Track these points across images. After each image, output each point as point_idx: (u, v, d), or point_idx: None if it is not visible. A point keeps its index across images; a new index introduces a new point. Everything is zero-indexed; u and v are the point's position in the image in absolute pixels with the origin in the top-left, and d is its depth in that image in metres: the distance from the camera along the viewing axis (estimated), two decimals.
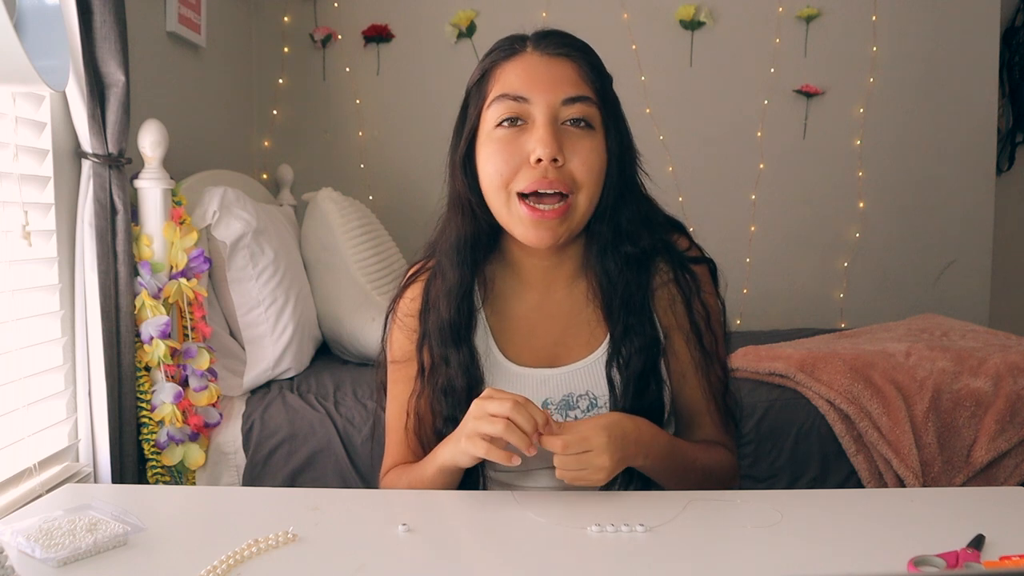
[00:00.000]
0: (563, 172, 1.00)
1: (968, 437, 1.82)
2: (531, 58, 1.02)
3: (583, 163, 1.00)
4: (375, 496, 1.05)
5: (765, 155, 3.05)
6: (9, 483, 1.37)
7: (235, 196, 1.92)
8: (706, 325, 1.10)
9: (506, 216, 1.04)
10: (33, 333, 1.47)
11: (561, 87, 1.00)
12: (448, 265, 1.08)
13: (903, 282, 3.10)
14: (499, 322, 1.11)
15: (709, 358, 1.10)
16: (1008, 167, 3.38)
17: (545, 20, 2.74)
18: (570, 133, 1.01)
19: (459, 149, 1.06)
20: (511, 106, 1.01)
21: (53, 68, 0.92)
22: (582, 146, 1.01)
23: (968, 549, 0.81)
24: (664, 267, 1.10)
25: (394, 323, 1.15)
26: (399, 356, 1.14)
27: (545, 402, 1.08)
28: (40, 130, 1.50)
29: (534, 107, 1.00)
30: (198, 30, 2.31)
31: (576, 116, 1.00)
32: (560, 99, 1.00)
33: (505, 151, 1.01)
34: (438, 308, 1.08)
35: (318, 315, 2.17)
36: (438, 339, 1.08)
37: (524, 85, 1.00)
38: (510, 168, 1.00)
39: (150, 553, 0.83)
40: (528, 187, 1.00)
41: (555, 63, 1.02)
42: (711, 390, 1.11)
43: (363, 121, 3.00)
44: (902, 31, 3.02)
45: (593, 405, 1.08)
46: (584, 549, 0.85)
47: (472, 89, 1.07)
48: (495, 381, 1.08)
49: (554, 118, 1.00)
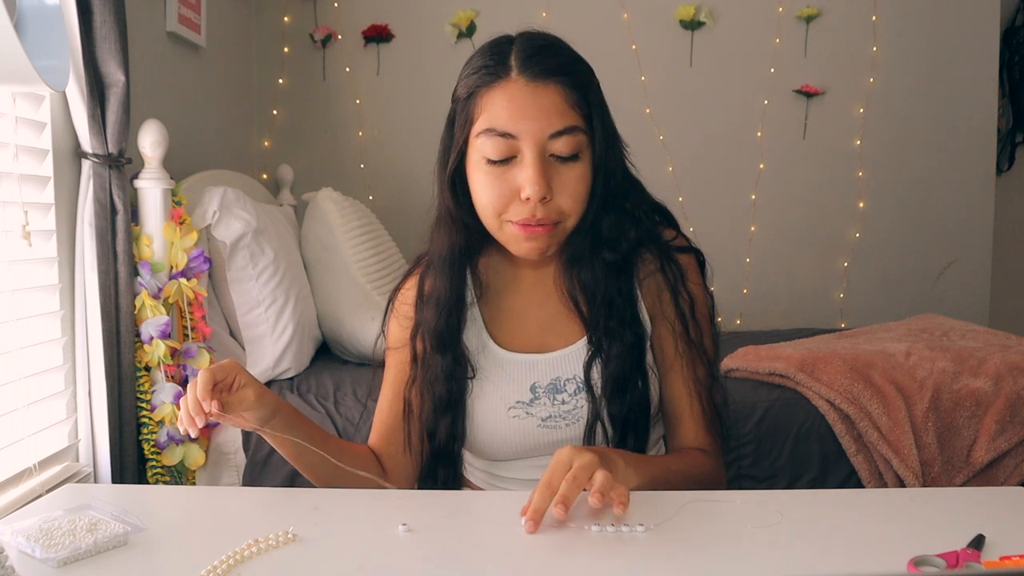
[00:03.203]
0: (551, 206, 1.02)
1: (968, 437, 1.82)
2: (516, 86, 1.01)
3: (570, 196, 1.03)
4: (375, 496, 1.05)
5: (765, 155, 3.05)
6: (9, 483, 1.37)
7: (235, 196, 1.92)
8: (691, 315, 1.10)
9: (498, 234, 1.07)
10: (33, 333, 1.47)
11: (548, 120, 1.00)
12: (438, 274, 1.12)
13: (903, 282, 3.10)
14: (492, 312, 1.15)
15: (694, 351, 1.10)
16: (1008, 167, 3.38)
17: (545, 20, 2.74)
18: (557, 167, 1.02)
19: (448, 167, 1.08)
20: (499, 144, 1.01)
21: (53, 68, 0.92)
22: (569, 178, 1.02)
23: (968, 549, 0.81)
24: (650, 256, 1.12)
25: (391, 312, 1.19)
26: (392, 343, 1.18)
27: (534, 385, 1.11)
28: (40, 130, 1.50)
29: (522, 143, 1.01)
30: (198, 30, 2.31)
31: (562, 151, 1.01)
32: (547, 134, 1.01)
33: (496, 185, 1.02)
34: (428, 312, 1.12)
35: (318, 315, 2.17)
36: (430, 335, 1.12)
37: (511, 119, 1.01)
38: (502, 201, 1.03)
39: (150, 553, 0.83)
40: (520, 221, 1.03)
41: (540, 92, 1.01)
42: (695, 386, 1.11)
43: (363, 121, 3.00)
44: (902, 31, 3.02)
45: (580, 389, 1.10)
46: (584, 549, 0.85)
47: (458, 105, 1.06)
48: (487, 367, 1.12)
49: (541, 152, 1.01)
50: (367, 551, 0.84)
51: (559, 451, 0.93)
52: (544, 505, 0.87)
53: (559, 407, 1.10)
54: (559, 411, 1.10)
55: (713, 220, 2.97)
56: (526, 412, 1.10)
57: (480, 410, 1.11)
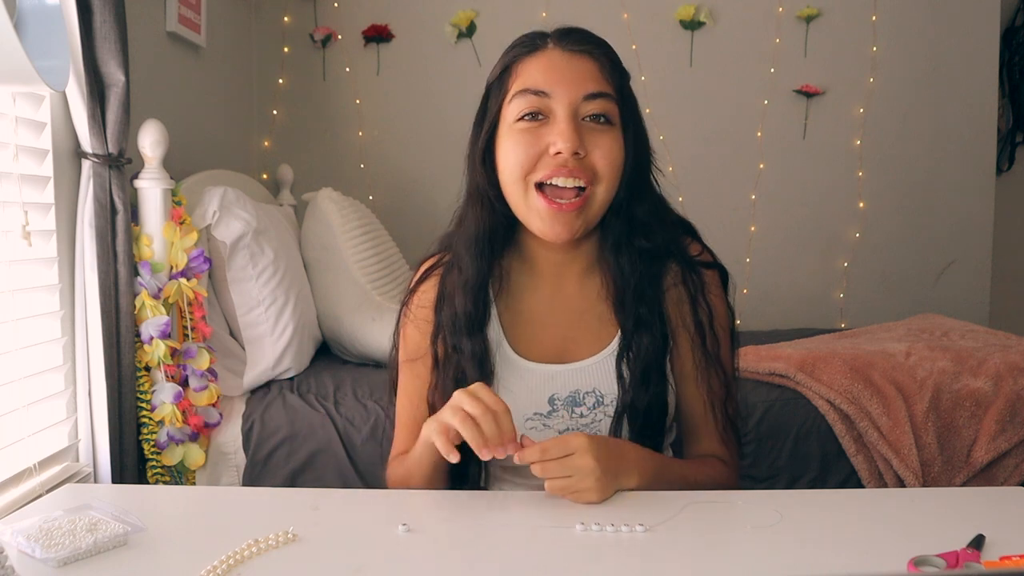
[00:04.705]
0: (584, 164, 1.01)
1: (968, 437, 1.82)
2: (553, 54, 1.04)
3: (604, 156, 1.02)
4: (375, 496, 1.05)
5: (765, 155, 3.05)
6: (9, 483, 1.37)
7: (235, 196, 1.92)
8: (709, 326, 1.09)
9: (523, 209, 1.05)
10: (33, 333, 1.47)
11: (582, 83, 1.02)
12: (466, 257, 1.09)
13: (903, 282, 3.10)
14: (510, 316, 1.12)
15: (711, 362, 1.09)
16: (1008, 167, 3.38)
17: (545, 20, 2.74)
18: (590, 128, 1.02)
19: (479, 142, 1.07)
20: (532, 100, 1.02)
21: (53, 68, 0.92)
22: (603, 140, 1.02)
23: (968, 549, 0.81)
24: (675, 267, 1.11)
25: (407, 319, 1.15)
26: (413, 354, 1.14)
27: (552, 397, 1.08)
28: (40, 130, 1.50)
29: (555, 102, 1.01)
30: (198, 30, 2.31)
31: (597, 112, 1.02)
32: (581, 95, 1.01)
33: (526, 143, 1.02)
34: (454, 300, 1.09)
35: (318, 315, 2.17)
36: (452, 330, 1.09)
37: (546, 80, 1.02)
38: (530, 159, 1.02)
39: (150, 553, 0.83)
40: (547, 176, 1.01)
41: (576, 59, 1.03)
42: (711, 397, 1.10)
43: (363, 121, 3.00)
44: (902, 31, 3.02)
45: (599, 403, 1.08)
46: (584, 549, 0.85)
47: (493, 84, 1.08)
48: (504, 374, 1.09)
49: (575, 113, 1.01)
50: (367, 551, 0.84)
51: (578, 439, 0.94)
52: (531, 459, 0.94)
53: (577, 420, 1.08)
54: (577, 424, 1.08)
55: (713, 220, 2.96)
56: (543, 424, 1.08)
57: None
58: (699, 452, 1.13)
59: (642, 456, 1.01)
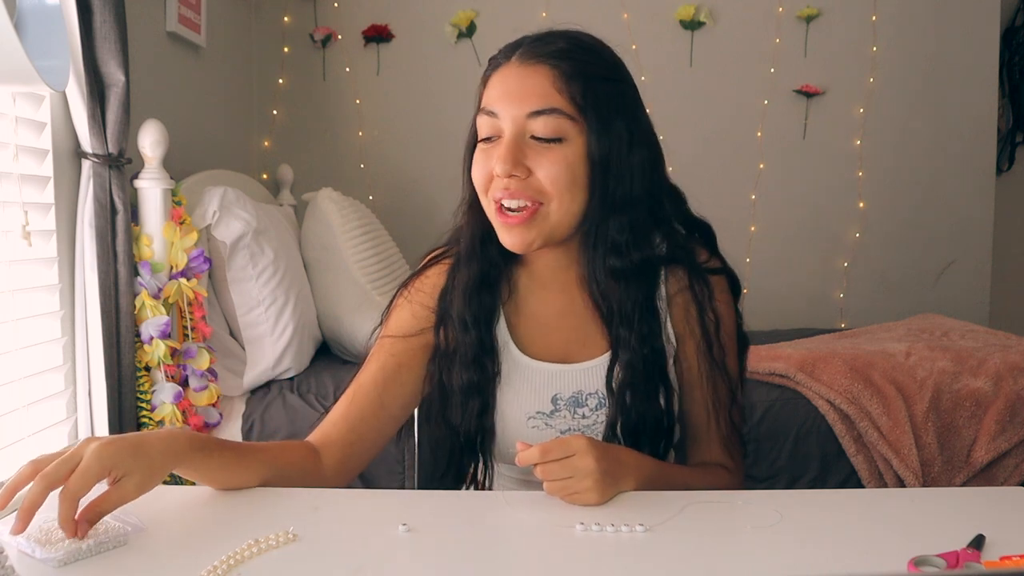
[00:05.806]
0: (529, 184, 1.01)
1: (968, 437, 1.82)
2: (508, 70, 1.03)
3: (547, 175, 1.01)
4: (375, 496, 1.05)
5: (765, 155, 3.05)
6: None
7: (235, 196, 1.92)
8: (715, 334, 1.09)
9: (493, 220, 1.06)
10: (33, 333, 1.47)
11: (528, 100, 1.00)
12: (464, 260, 1.11)
13: (903, 282, 3.10)
14: (517, 317, 1.13)
15: (716, 369, 1.09)
16: (1008, 167, 3.38)
17: (544, 20, 2.74)
18: (535, 147, 1.01)
19: (466, 153, 1.09)
20: (485, 122, 1.03)
21: (53, 68, 0.92)
22: (547, 159, 1.01)
23: (968, 549, 0.81)
24: (681, 272, 1.11)
25: (402, 297, 1.14)
26: (394, 331, 1.13)
27: (555, 397, 1.09)
28: (40, 130, 1.50)
29: (503, 122, 1.01)
30: (198, 30, 2.31)
31: (540, 132, 1.00)
32: (525, 113, 1.00)
33: (481, 163, 1.04)
34: (461, 295, 1.10)
35: (318, 315, 2.17)
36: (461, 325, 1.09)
37: (497, 99, 1.02)
38: (485, 179, 1.03)
39: (150, 553, 0.83)
40: (497, 197, 1.02)
41: (529, 73, 1.01)
42: (715, 405, 1.10)
43: (363, 121, 3.00)
44: (902, 31, 3.02)
45: (602, 404, 1.08)
46: (583, 549, 0.85)
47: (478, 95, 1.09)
48: (508, 371, 1.10)
49: (519, 132, 1.01)
50: (367, 551, 0.84)
51: (579, 441, 0.93)
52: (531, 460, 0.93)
53: (579, 421, 1.08)
54: (579, 425, 1.08)
55: (713, 220, 2.94)
56: (545, 423, 1.09)
57: (499, 414, 1.10)
58: (703, 459, 1.12)
59: (641, 463, 1.01)
